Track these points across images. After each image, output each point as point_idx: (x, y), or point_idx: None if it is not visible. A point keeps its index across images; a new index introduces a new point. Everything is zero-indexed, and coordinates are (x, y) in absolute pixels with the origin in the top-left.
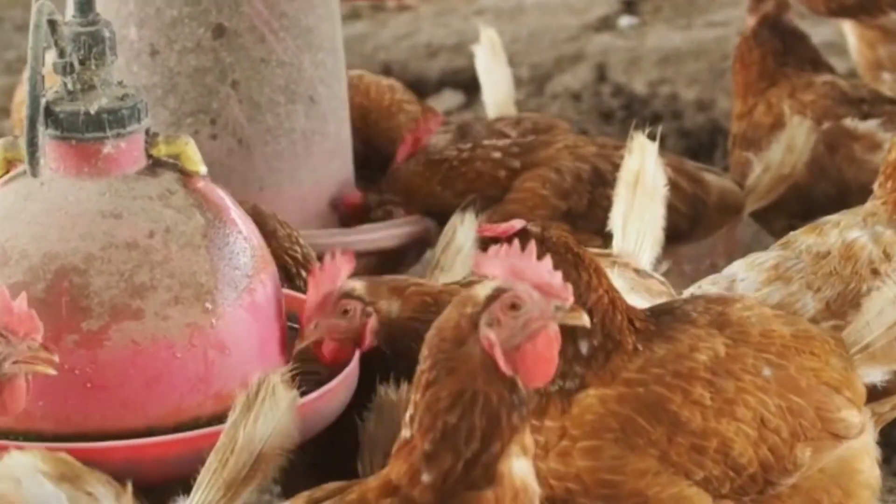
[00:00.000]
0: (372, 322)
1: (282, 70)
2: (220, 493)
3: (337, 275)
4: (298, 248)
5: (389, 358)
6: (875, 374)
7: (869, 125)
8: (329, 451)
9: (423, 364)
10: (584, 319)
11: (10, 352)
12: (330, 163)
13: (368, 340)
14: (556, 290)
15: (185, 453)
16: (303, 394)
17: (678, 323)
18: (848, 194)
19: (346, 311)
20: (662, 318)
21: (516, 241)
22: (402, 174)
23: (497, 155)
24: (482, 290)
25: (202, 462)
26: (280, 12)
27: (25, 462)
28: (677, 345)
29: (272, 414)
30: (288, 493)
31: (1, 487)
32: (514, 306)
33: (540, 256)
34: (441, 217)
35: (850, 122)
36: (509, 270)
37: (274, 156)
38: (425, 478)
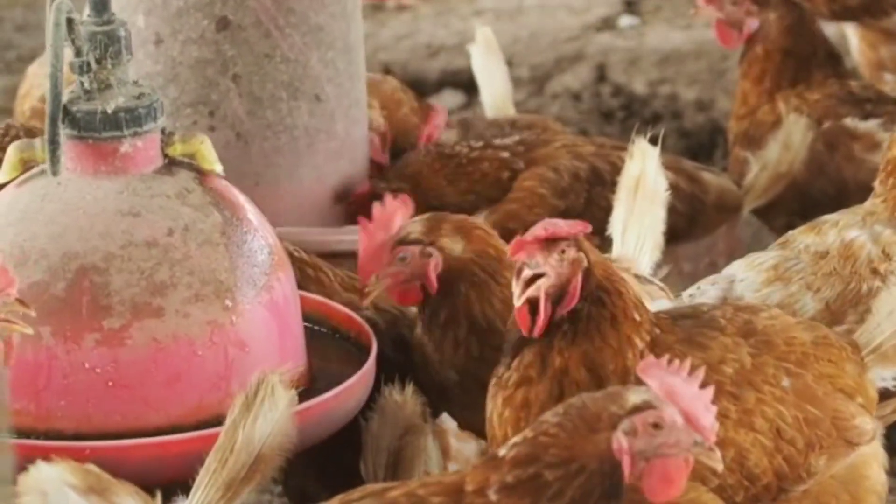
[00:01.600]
0: (434, 261)
1: (286, 66)
2: (219, 493)
3: (390, 222)
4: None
5: (433, 302)
6: (887, 377)
7: (869, 125)
8: (331, 452)
9: (553, 417)
10: (720, 464)
11: None
12: (336, 162)
13: (433, 280)
14: (702, 426)
15: (206, 451)
16: (318, 392)
17: (707, 329)
18: (847, 193)
19: (403, 259)
20: (684, 322)
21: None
22: (411, 162)
23: (505, 155)
24: (633, 397)
25: None
26: (287, 9)
27: (52, 475)
28: (709, 353)
29: (271, 414)
30: (289, 493)
31: (27, 501)
32: (656, 425)
33: (703, 386)
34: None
35: (850, 122)
36: (667, 388)
37: (273, 151)
38: (493, 497)
